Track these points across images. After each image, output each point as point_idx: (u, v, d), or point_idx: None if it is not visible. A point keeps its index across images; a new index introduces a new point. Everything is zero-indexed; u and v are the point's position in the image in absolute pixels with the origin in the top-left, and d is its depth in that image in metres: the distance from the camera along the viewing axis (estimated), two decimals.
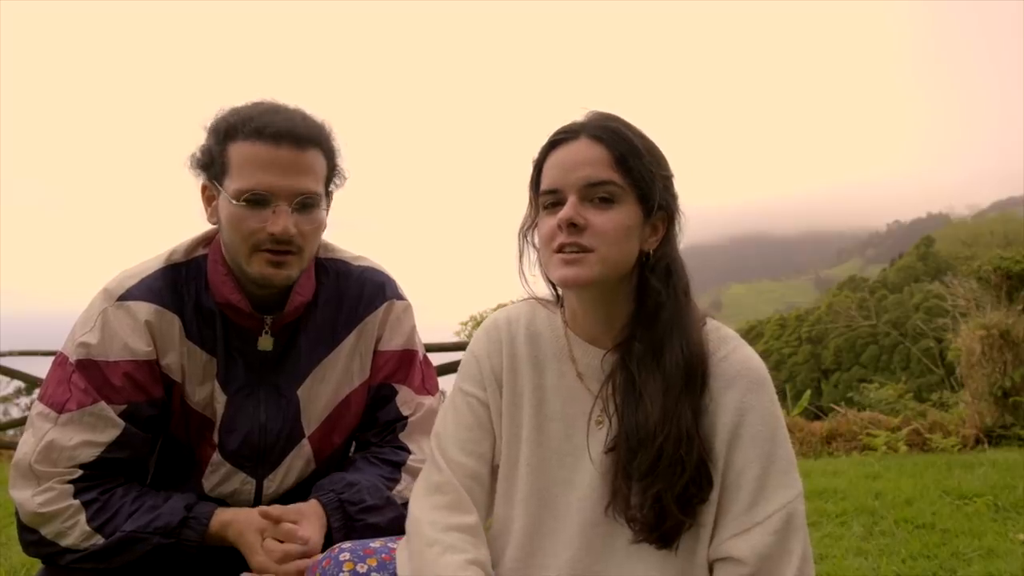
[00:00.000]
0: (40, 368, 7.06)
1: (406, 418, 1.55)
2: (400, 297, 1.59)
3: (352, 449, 1.63)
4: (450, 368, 5.53)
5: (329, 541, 1.37)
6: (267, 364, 1.46)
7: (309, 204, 1.35)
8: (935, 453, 5.34)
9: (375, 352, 1.56)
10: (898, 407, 7.06)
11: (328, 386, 1.51)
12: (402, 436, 1.54)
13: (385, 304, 1.55)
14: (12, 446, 6.84)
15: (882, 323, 42.77)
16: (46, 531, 1.31)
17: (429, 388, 1.60)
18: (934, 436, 5.62)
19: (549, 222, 1.19)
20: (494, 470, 1.29)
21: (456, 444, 1.27)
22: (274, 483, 1.49)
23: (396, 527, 1.40)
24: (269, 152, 1.31)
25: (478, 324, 8.26)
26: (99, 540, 1.30)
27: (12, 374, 7.61)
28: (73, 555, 1.31)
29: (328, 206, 1.46)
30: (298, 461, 1.50)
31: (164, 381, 1.40)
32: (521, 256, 1.28)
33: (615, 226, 1.16)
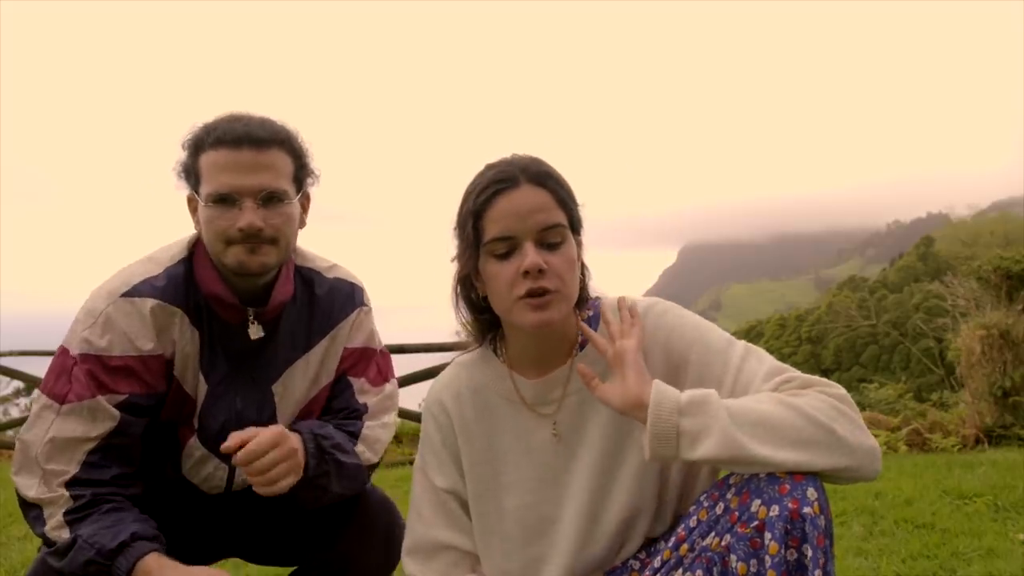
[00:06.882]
0: (40, 368, 7.06)
1: (366, 405, 1.67)
2: (364, 303, 1.72)
3: None
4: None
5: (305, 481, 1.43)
6: (246, 358, 1.56)
7: (274, 198, 1.46)
8: (935, 453, 5.33)
9: None
10: (898, 407, 7.06)
11: (301, 385, 1.62)
12: (365, 418, 1.65)
13: (355, 311, 1.68)
14: (12, 446, 6.84)
15: (882, 323, 42.81)
16: (45, 512, 1.38)
17: (386, 376, 1.74)
18: (934, 436, 5.62)
19: (503, 270, 1.26)
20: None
21: (441, 527, 1.38)
22: None
23: (359, 480, 1.58)
24: (231, 155, 1.43)
25: None
26: (64, 534, 1.36)
27: (12, 374, 7.61)
28: (46, 547, 1.38)
29: (306, 204, 1.58)
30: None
31: (167, 371, 1.49)
32: (457, 305, 1.38)
33: (570, 263, 1.28)
